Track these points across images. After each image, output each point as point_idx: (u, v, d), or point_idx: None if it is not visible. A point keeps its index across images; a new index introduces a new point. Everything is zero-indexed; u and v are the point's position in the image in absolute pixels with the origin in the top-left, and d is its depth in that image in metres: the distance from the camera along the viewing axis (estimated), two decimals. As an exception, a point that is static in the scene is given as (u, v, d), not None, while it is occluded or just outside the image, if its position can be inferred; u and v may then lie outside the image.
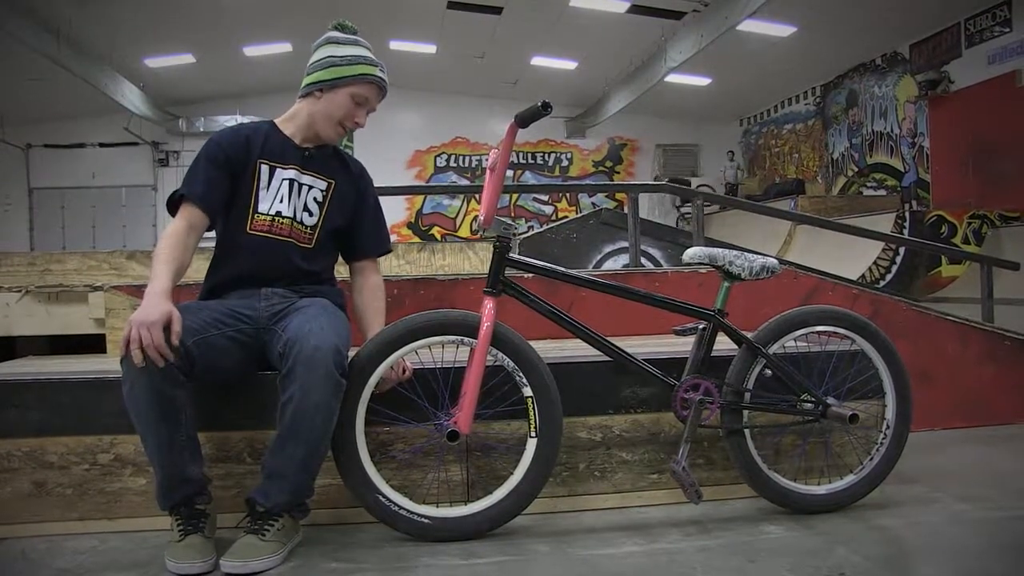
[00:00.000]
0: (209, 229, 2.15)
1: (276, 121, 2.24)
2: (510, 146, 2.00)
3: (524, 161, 17.07)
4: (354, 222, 2.29)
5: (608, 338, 2.15)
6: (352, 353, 2.01)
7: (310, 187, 2.20)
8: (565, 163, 17.33)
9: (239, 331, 2.02)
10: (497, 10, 11.89)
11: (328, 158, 2.26)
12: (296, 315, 2.02)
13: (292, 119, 2.22)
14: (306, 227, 2.19)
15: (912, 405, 2.29)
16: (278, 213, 2.15)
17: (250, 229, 2.13)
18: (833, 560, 1.85)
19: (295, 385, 1.85)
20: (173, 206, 2.10)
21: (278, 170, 2.16)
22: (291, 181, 2.17)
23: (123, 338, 1.77)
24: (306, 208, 2.19)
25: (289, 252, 2.16)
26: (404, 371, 2.10)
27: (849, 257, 7.58)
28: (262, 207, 2.14)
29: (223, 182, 2.12)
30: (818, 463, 2.31)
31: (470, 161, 16.98)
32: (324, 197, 2.21)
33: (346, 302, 2.29)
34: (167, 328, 1.78)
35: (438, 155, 17.00)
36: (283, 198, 2.16)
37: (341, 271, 2.36)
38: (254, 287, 2.13)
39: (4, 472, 2.07)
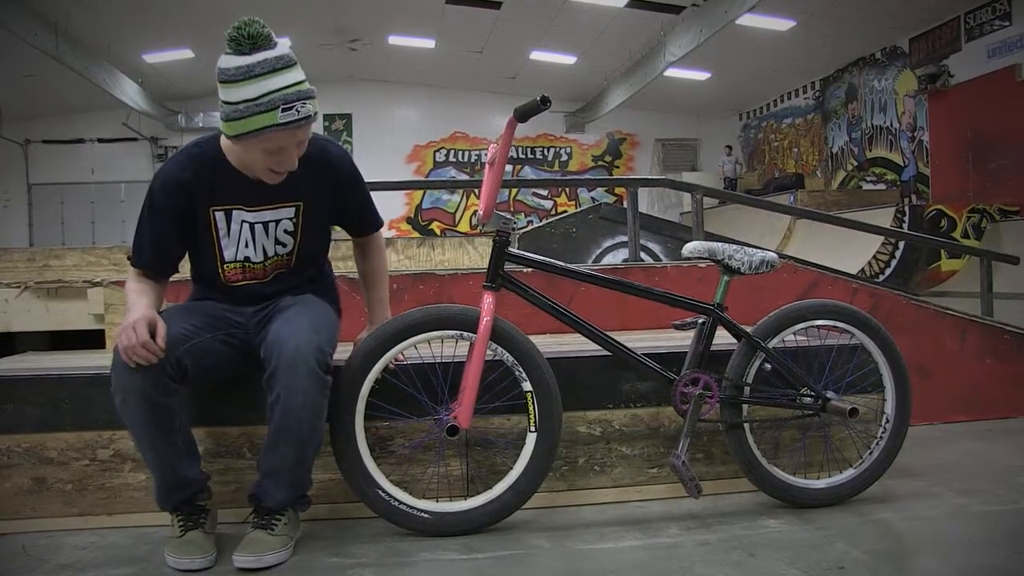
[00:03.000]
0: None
1: (223, 146, 1.95)
2: (509, 141, 1.99)
3: (523, 156, 17.08)
4: (342, 216, 2.16)
5: (607, 333, 2.15)
6: (344, 346, 2.00)
7: (277, 221, 2.01)
8: (564, 158, 17.33)
9: (230, 335, 2.00)
10: (496, 5, 11.88)
11: (293, 176, 1.96)
12: (278, 316, 1.97)
13: (231, 152, 1.95)
14: (282, 256, 2.06)
15: (911, 399, 2.29)
16: (247, 259, 2.02)
17: (223, 279, 2.04)
18: (833, 554, 1.85)
19: (279, 386, 1.83)
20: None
21: (235, 213, 1.98)
22: (252, 224, 2.00)
23: (114, 350, 1.77)
24: (278, 242, 2.03)
25: (270, 281, 2.07)
26: None
27: (849, 251, 7.59)
28: (227, 255, 2.01)
29: (174, 233, 1.97)
30: (817, 457, 2.31)
31: (469, 156, 16.98)
32: (295, 224, 2.03)
33: (339, 295, 2.27)
34: (153, 333, 1.77)
35: (437, 150, 17.00)
36: (247, 242, 2.01)
37: (341, 267, 2.35)
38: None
39: (4, 468, 2.07)
